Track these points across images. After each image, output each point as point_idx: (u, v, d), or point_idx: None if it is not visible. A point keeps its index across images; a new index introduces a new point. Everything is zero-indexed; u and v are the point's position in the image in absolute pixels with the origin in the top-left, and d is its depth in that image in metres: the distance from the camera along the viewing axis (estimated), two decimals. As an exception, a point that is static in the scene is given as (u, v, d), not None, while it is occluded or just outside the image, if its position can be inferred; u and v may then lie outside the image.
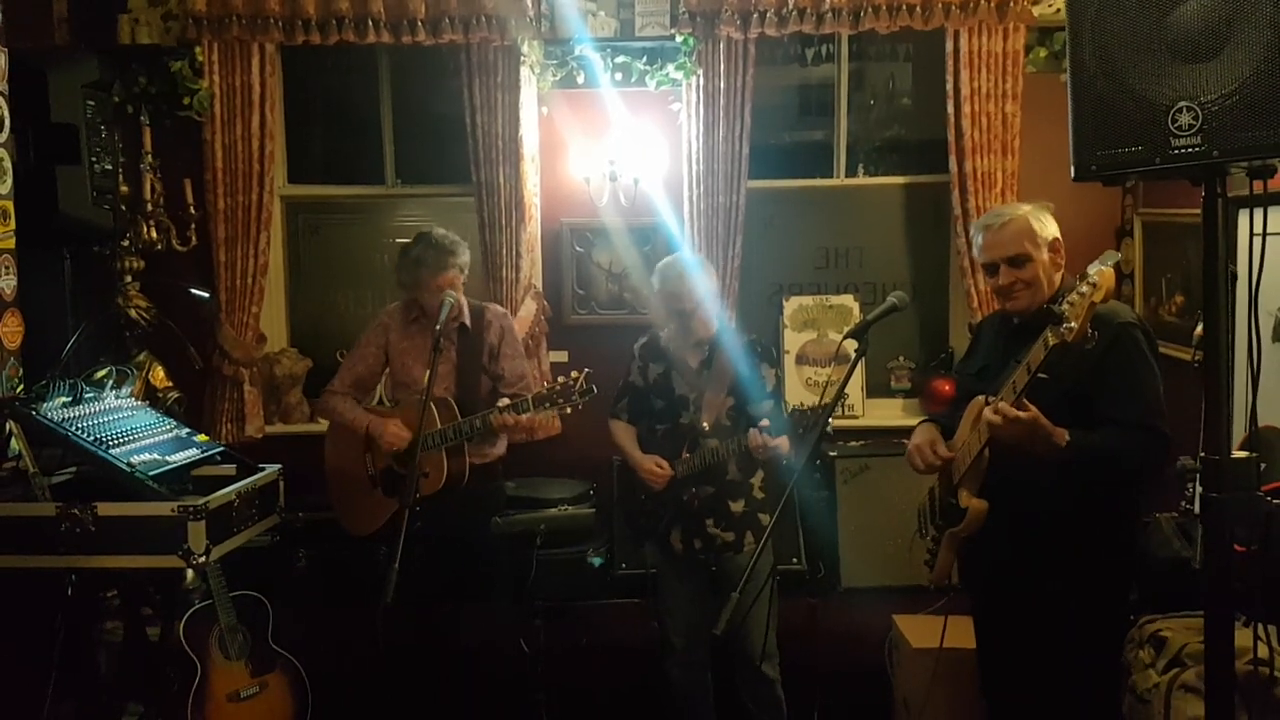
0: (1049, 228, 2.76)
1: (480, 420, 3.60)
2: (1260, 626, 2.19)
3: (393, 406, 3.90)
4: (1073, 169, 2.04)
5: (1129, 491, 2.76)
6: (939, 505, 2.93)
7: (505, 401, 3.58)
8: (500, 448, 3.88)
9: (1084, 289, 2.28)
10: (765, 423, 3.31)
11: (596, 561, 4.36)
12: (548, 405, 3.55)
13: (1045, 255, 2.74)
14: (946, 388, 4.77)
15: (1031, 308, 2.72)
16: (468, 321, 3.80)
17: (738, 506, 3.55)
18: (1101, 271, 2.29)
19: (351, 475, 3.82)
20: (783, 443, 3.36)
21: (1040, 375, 2.44)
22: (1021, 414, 2.48)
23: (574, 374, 3.51)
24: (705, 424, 3.51)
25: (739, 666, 3.64)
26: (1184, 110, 1.86)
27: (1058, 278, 2.76)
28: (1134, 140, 1.92)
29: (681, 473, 3.52)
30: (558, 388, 3.52)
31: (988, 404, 2.61)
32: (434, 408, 3.62)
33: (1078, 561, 2.66)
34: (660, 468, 3.53)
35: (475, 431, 3.61)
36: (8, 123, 3.55)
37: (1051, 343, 2.35)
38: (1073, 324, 2.27)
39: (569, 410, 3.54)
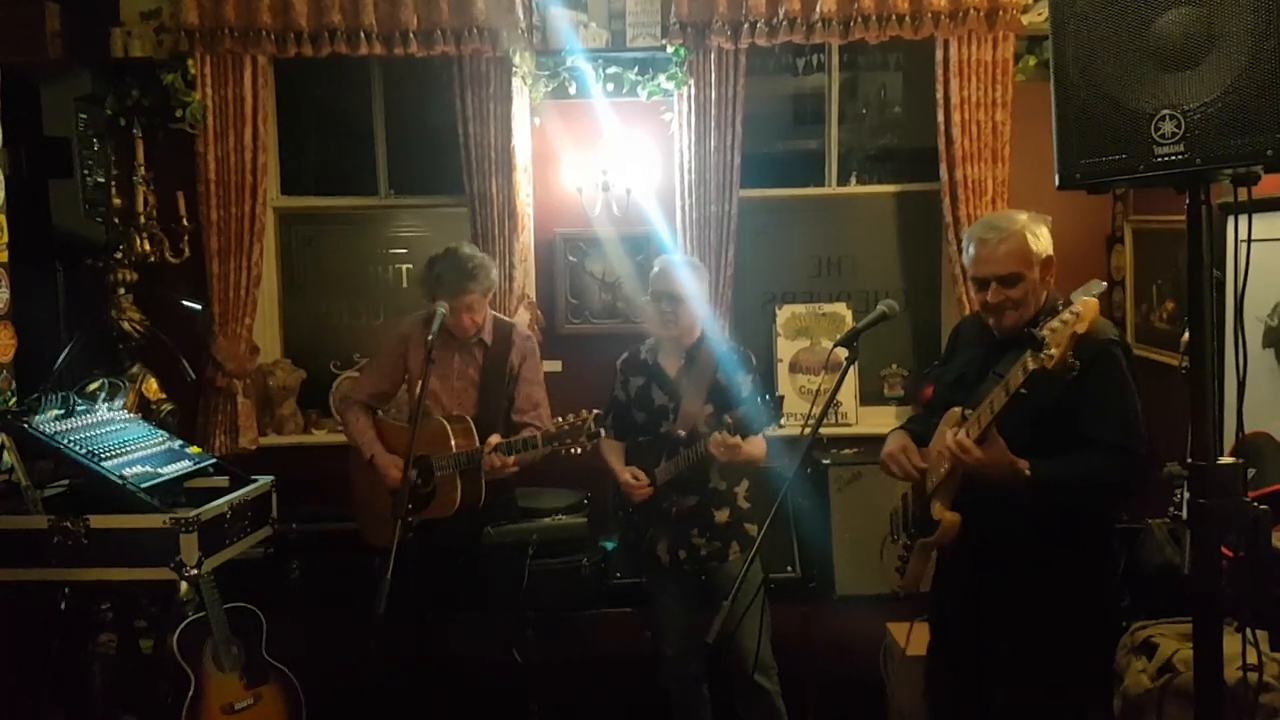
0: (1043, 245, 2.70)
1: (466, 457, 3.58)
2: (1249, 632, 2.20)
3: (409, 423, 3.87)
4: (1057, 178, 2.05)
5: (1106, 507, 2.75)
6: (912, 513, 2.93)
7: (495, 439, 3.56)
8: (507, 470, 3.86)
9: (1066, 317, 2.26)
10: (729, 420, 3.26)
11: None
12: (556, 445, 3.50)
13: (1037, 274, 2.68)
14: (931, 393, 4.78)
15: (1017, 325, 2.68)
16: (488, 339, 3.78)
17: (722, 516, 3.54)
18: (1086, 302, 2.28)
19: (372, 487, 3.79)
20: (753, 445, 3.35)
21: (1019, 390, 2.44)
22: (975, 450, 2.49)
23: (583, 413, 3.44)
24: (682, 431, 3.50)
25: (734, 679, 3.64)
26: (1167, 118, 1.87)
27: (1044, 295, 2.73)
28: (1117, 149, 1.93)
29: (660, 480, 3.52)
30: (565, 428, 3.46)
31: (964, 418, 2.61)
32: (449, 426, 3.62)
33: (1055, 575, 2.64)
34: (637, 479, 3.52)
35: (464, 465, 3.59)
36: (0, 136, 3.55)
37: (1030, 367, 2.34)
38: (1053, 351, 2.25)
39: (577, 451, 3.49)
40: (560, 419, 3.49)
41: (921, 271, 5.16)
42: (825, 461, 4.54)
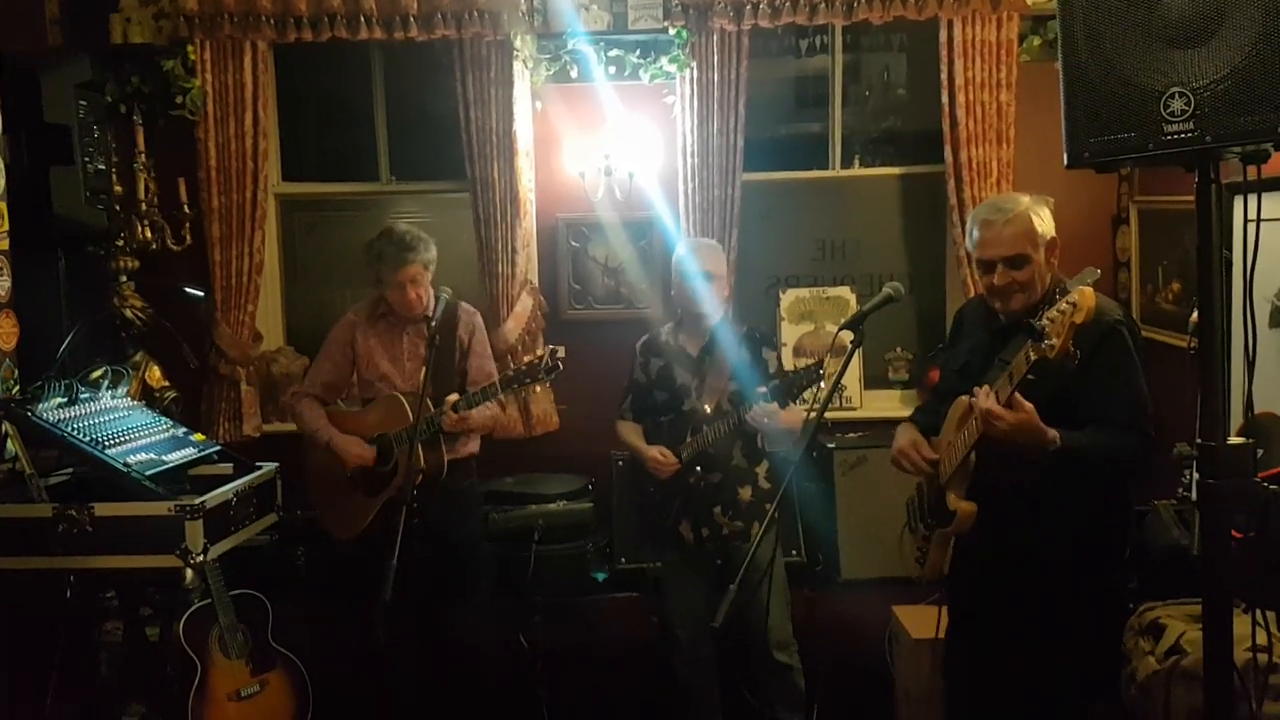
0: (1047, 226, 2.69)
1: (426, 422, 3.55)
2: (1258, 613, 2.19)
3: (363, 406, 3.86)
4: (1066, 156, 2.03)
5: (1117, 489, 2.74)
6: (927, 503, 2.92)
7: (454, 397, 3.56)
8: (473, 445, 3.86)
9: (1064, 308, 2.26)
10: (763, 389, 3.33)
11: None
12: (516, 386, 3.55)
13: (1042, 255, 2.68)
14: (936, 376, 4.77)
15: (1023, 309, 2.67)
16: (432, 315, 3.78)
17: (745, 494, 3.58)
18: (1082, 291, 2.28)
19: (331, 479, 3.78)
20: (792, 414, 3.41)
21: (1026, 376, 2.43)
22: (1007, 414, 2.47)
23: (539, 351, 3.51)
24: (707, 408, 3.54)
25: (754, 657, 3.65)
26: (1176, 96, 1.85)
27: (1049, 277, 2.72)
28: (1127, 127, 1.92)
29: (685, 457, 3.54)
30: (524, 367, 3.52)
31: (971, 409, 2.60)
32: (405, 402, 3.62)
33: (1066, 559, 2.64)
34: (664, 455, 3.55)
35: (425, 433, 3.55)
36: (1, 124, 3.53)
37: (1033, 358, 2.34)
38: (1054, 342, 2.26)
39: (537, 389, 3.52)
40: (515, 362, 3.51)
41: (926, 254, 5.14)
42: (830, 445, 4.54)
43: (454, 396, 3.56)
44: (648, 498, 3.69)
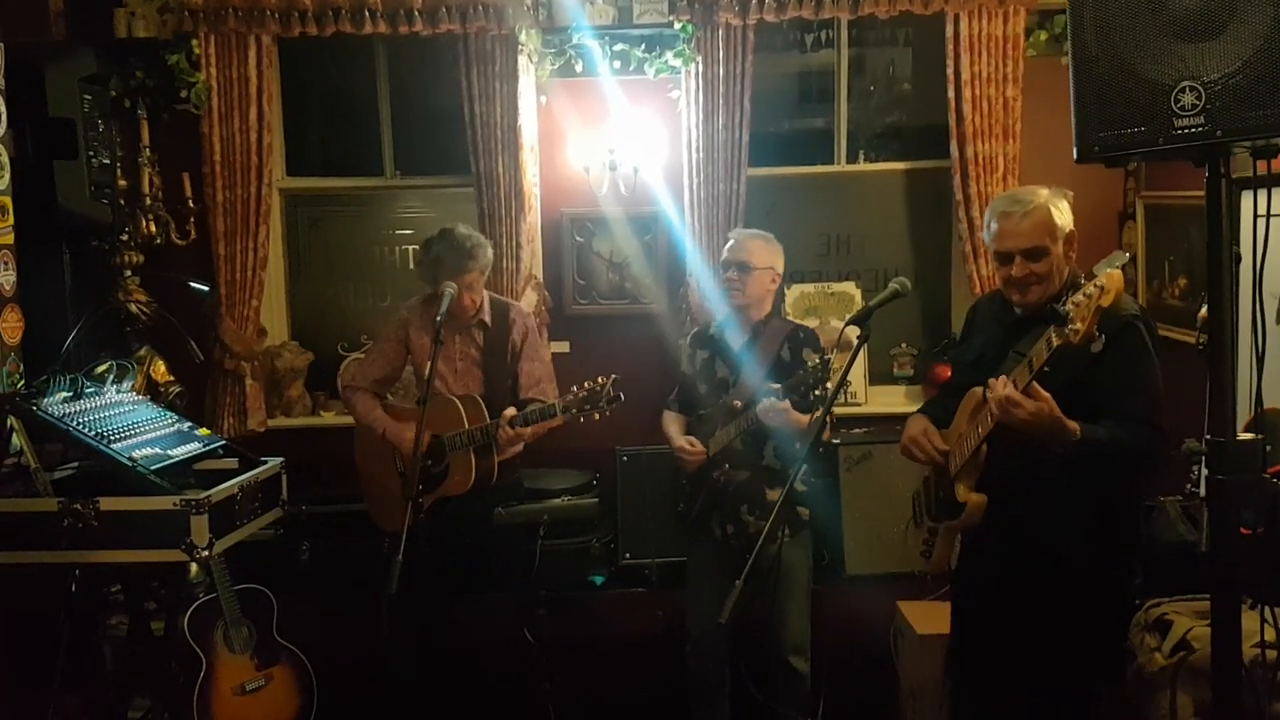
0: (1066, 218, 2.68)
1: (481, 432, 3.58)
2: (1267, 609, 2.19)
3: (416, 405, 3.88)
4: (1075, 150, 2.02)
5: (1129, 484, 2.74)
6: (935, 497, 2.91)
7: (511, 411, 3.55)
8: (519, 444, 3.86)
9: (1090, 290, 2.24)
10: (777, 387, 3.30)
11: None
12: (574, 411, 3.49)
13: (1060, 248, 2.67)
14: (946, 373, 4.75)
15: (1040, 301, 2.67)
16: (488, 318, 3.79)
17: (774, 495, 3.54)
18: (1109, 274, 2.25)
19: (382, 472, 3.81)
20: (797, 414, 3.34)
21: (1044, 367, 2.42)
22: (1026, 402, 2.45)
23: (600, 379, 3.45)
24: (737, 403, 3.52)
25: (766, 657, 3.64)
26: (1187, 90, 1.84)
27: (1067, 270, 2.72)
28: (1137, 121, 1.91)
29: (713, 450, 3.55)
30: (584, 393, 3.46)
31: (985, 399, 2.59)
32: (460, 405, 3.63)
33: (1077, 554, 2.64)
34: (692, 445, 3.57)
35: (478, 441, 3.59)
36: (5, 118, 3.53)
37: (1055, 343, 2.32)
38: (1078, 326, 2.23)
39: (597, 417, 3.47)
40: (576, 386, 3.48)
41: (931, 250, 5.13)
42: (835, 441, 4.53)
43: (511, 411, 3.56)
44: (679, 489, 3.70)
